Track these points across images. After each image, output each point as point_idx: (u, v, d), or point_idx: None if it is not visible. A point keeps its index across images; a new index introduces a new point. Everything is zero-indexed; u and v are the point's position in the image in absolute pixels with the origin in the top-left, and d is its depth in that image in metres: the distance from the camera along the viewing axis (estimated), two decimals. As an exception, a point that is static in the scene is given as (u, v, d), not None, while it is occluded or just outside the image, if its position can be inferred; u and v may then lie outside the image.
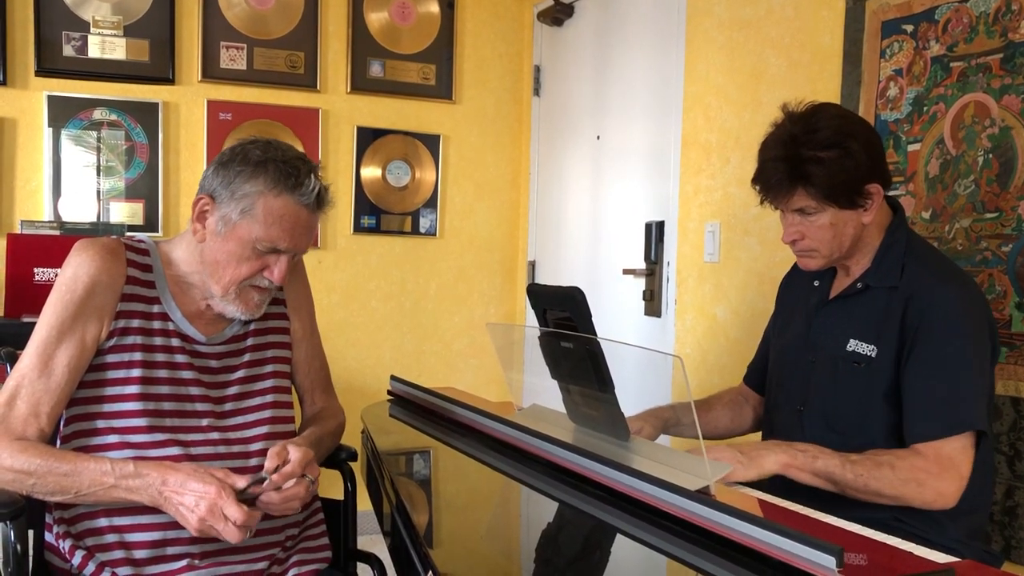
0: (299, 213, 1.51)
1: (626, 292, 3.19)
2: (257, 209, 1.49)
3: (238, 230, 1.50)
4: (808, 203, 1.61)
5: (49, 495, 1.41)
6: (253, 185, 1.49)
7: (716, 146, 2.73)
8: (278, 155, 1.51)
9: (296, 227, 1.51)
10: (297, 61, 3.70)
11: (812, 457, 1.50)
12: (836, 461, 1.49)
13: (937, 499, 1.48)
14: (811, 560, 0.99)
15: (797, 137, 1.60)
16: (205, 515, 1.34)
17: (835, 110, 1.67)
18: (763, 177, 1.66)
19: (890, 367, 1.58)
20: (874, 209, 1.61)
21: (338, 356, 3.69)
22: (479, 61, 4.02)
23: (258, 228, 1.49)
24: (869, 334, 1.62)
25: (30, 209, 3.36)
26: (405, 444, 1.95)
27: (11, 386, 1.45)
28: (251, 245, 1.50)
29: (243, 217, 1.49)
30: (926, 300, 1.55)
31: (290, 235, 1.51)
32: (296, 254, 1.56)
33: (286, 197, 1.49)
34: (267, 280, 1.54)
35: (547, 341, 1.62)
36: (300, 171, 1.50)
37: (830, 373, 1.68)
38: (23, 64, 3.34)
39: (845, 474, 1.47)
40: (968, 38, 1.94)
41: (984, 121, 1.90)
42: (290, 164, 1.51)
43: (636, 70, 3.21)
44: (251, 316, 1.59)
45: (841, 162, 1.56)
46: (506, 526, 1.46)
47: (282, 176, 1.49)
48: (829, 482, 1.49)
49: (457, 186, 4.01)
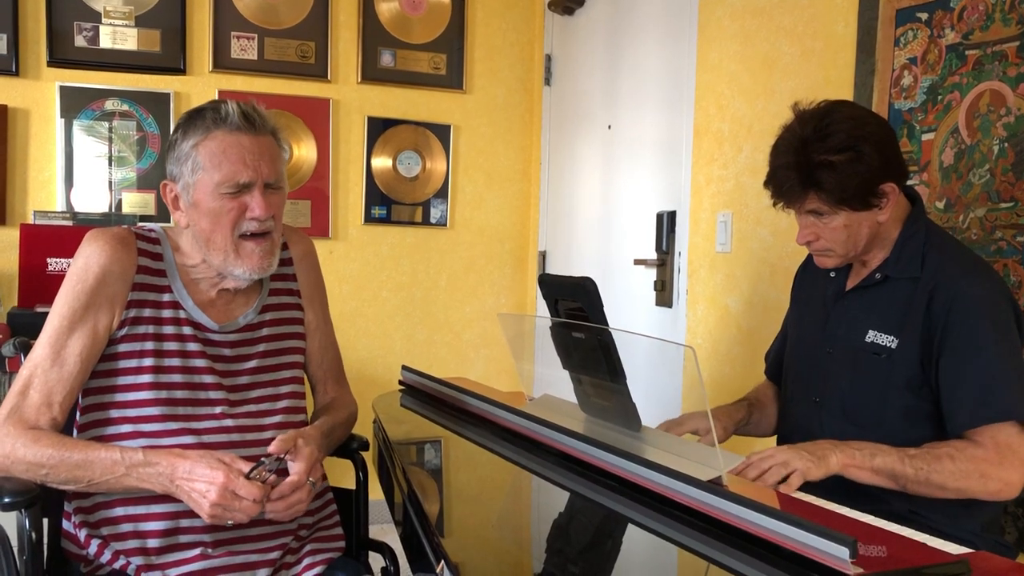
0: (239, 140, 1.50)
1: (637, 282, 3.18)
2: (201, 159, 1.50)
3: (200, 188, 1.51)
4: (821, 206, 1.59)
5: (62, 484, 1.42)
6: (188, 141, 1.51)
7: (728, 135, 2.71)
8: (199, 110, 1.54)
9: (244, 154, 1.50)
10: (308, 51, 3.70)
11: (870, 455, 1.47)
12: (894, 457, 1.46)
13: (1003, 489, 1.45)
14: (825, 551, 0.99)
15: (807, 141, 1.57)
16: (217, 500, 1.36)
17: (848, 111, 1.62)
18: (774, 183, 1.64)
19: (913, 359, 1.56)
20: (889, 207, 1.59)
21: (349, 346, 3.69)
22: (490, 51, 4.01)
23: (213, 174, 1.50)
24: (889, 325, 1.60)
25: (43, 200, 3.38)
26: (416, 434, 1.96)
27: (24, 375, 1.46)
28: (217, 194, 1.50)
29: (196, 174, 1.50)
30: (953, 291, 1.52)
31: (243, 164, 1.50)
32: (268, 184, 1.54)
33: (216, 133, 1.50)
34: (254, 222, 1.53)
35: (559, 331, 1.62)
36: (219, 107, 1.51)
37: (849, 365, 1.66)
38: (35, 55, 3.35)
39: (906, 469, 1.45)
40: (984, 26, 1.92)
41: (1000, 110, 1.88)
42: (208, 108, 1.53)
43: (647, 59, 3.19)
44: (261, 273, 1.57)
45: (853, 167, 1.53)
46: (517, 516, 1.46)
47: (206, 119, 1.51)
48: (890, 479, 1.46)
49: (468, 176, 4.01)
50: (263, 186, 1.52)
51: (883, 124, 1.65)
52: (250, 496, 1.37)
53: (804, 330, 1.83)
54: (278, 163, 1.57)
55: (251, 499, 1.37)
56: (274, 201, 1.55)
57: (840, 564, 0.97)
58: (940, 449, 1.48)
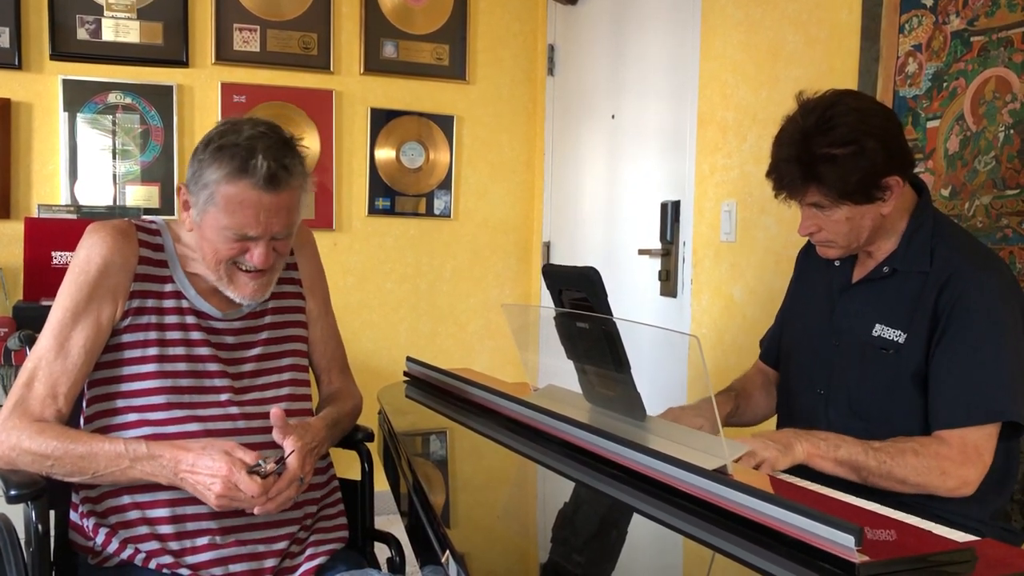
0: (259, 197, 1.44)
1: (642, 272, 3.18)
2: (218, 198, 1.45)
3: (208, 220, 1.48)
4: (822, 200, 1.57)
5: (67, 476, 1.43)
6: (211, 174, 1.45)
7: (733, 124, 2.70)
8: (235, 138, 1.45)
9: (259, 212, 1.45)
10: (310, 42, 3.69)
11: (834, 445, 1.47)
12: (859, 448, 1.46)
13: (960, 487, 1.46)
14: (830, 539, 0.98)
15: (810, 133, 1.54)
16: (222, 491, 1.37)
17: (852, 102, 1.58)
18: (776, 175, 1.62)
19: (919, 354, 1.54)
20: (893, 200, 1.56)
21: (354, 338, 3.70)
22: (493, 41, 4.00)
23: (223, 217, 1.45)
24: (897, 320, 1.59)
25: (47, 193, 3.38)
26: (421, 424, 1.96)
27: (29, 368, 1.47)
28: (222, 234, 1.47)
29: (208, 207, 1.46)
30: (962, 286, 1.50)
31: (255, 221, 1.45)
32: (275, 238, 1.50)
33: (239, 183, 1.43)
34: (250, 264, 1.50)
35: (563, 321, 1.61)
36: (252, 152, 1.43)
37: (856, 359, 1.65)
38: (38, 48, 3.35)
39: (868, 461, 1.45)
40: (989, 11, 1.91)
41: (1005, 96, 1.87)
42: (242, 147, 1.43)
43: (651, 48, 3.18)
44: (250, 300, 1.57)
45: (855, 161, 1.51)
46: (522, 506, 1.46)
47: (233, 161, 1.43)
48: (852, 470, 1.47)
49: (471, 167, 4.00)
50: (270, 239, 1.50)
51: (889, 116, 1.62)
52: (250, 492, 1.38)
53: (809, 321, 1.81)
54: (294, 214, 1.52)
55: (250, 495, 1.38)
56: (279, 248, 1.53)
57: (846, 552, 0.96)
58: (905, 444, 1.47)
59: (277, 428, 1.46)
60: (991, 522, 1.56)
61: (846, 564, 0.96)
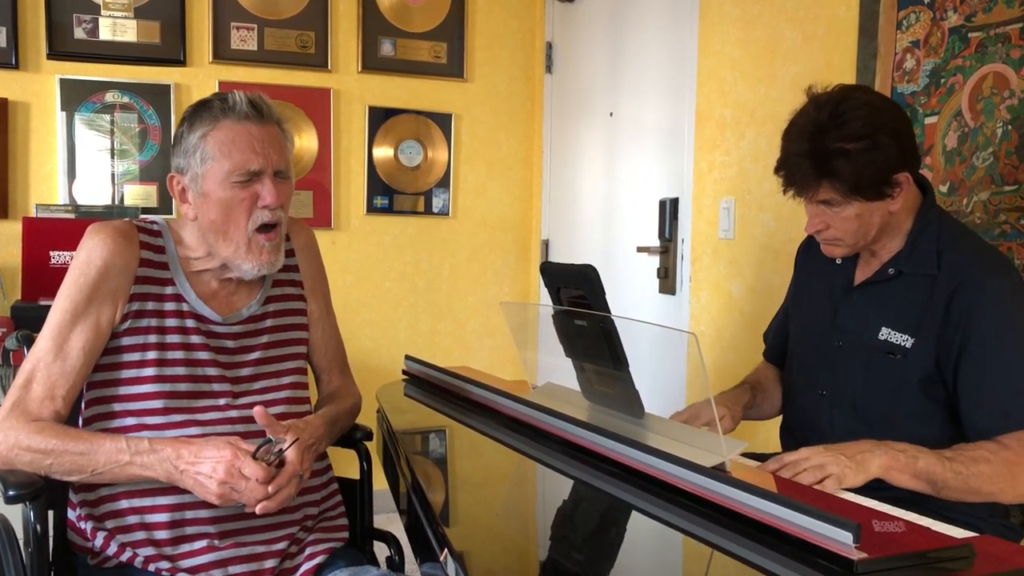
0: (248, 129, 1.51)
1: (640, 270, 3.18)
2: (210, 148, 1.50)
3: (209, 178, 1.50)
4: (834, 196, 1.54)
5: (66, 475, 1.42)
6: (196, 133, 1.51)
7: (731, 121, 2.70)
8: (204, 101, 1.54)
9: (253, 143, 1.50)
10: (308, 41, 3.69)
11: (912, 457, 1.39)
12: (935, 459, 1.39)
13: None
14: (828, 536, 0.98)
15: (823, 127, 1.51)
16: (224, 477, 1.35)
17: (864, 96, 1.56)
18: (787, 170, 1.59)
19: (928, 359, 1.52)
20: (902, 197, 1.55)
21: (352, 336, 3.69)
22: (490, 39, 3.99)
23: (223, 163, 1.49)
24: (905, 324, 1.57)
25: (45, 193, 3.38)
26: (420, 423, 1.96)
27: (27, 369, 1.47)
28: (228, 183, 1.50)
29: (206, 164, 1.50)
30: (975, 292, 1.48)
31: (253, 152, 1.50)
32: (278, 173, 1.54)
33: (224, 123, 1.50)
34: (267, 213, 1.52)
35: (561, 319, 1.61)
36: (224, 98, 1.52)
37: (861, 362, 1.63)
38: (35, 47, 3.34)
39: (946, 473, 1.39)
40: (987, 7, 1.91)
41: (1003, 92, 1.87)
42: (216, 97, 1.53)
43: (649, 45, 3.18)
44: (269, 269, 1.57)
45: (869, 155, 1.49)
46: (521, 504, 1.46)
47: (213, 109, 1.51)
48: (928, 483, 1.39)
49: (470, 165, 4.00)
50: (273, 174, 1.53)
51: (899, 111, 1.60)
52: (254, 476, 1.35)
53: (811, 321, 1.79)
54: (285, 152, 1.57)
55: (255, 479, 1.35)
56: (283, 190, 1.55)
57: (844, 549, 0.97)
58: (976, 452, 1.42)
59: (265, 426, 1.44)
60: (989, 518, 1.55)
61: (844, 561, 0.97)
